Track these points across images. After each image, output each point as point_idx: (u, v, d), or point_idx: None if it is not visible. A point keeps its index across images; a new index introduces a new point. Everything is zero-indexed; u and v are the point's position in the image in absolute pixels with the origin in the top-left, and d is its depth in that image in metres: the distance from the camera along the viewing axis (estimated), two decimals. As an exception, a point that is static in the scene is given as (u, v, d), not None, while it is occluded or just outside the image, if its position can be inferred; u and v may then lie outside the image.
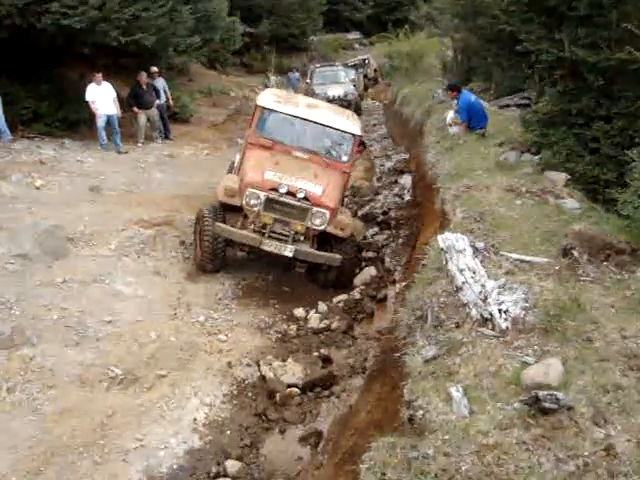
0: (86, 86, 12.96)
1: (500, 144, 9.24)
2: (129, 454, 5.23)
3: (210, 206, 8.38)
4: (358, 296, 8.11)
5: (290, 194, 7.94)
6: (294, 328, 7.49)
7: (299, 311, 7.87)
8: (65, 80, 15.03)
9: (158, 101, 14.62)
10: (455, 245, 4.67)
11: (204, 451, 5.44)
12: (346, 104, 22.35)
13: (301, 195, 7.88)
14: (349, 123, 9.31)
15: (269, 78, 22.57)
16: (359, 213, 12.19)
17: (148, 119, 14.51)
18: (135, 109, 14.21)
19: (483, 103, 13.44)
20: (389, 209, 11.95)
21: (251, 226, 7.99)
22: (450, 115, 11.04)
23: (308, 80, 25.05)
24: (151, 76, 14.93)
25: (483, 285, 4.19)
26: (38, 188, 10.10)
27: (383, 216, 11.52)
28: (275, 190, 7.96)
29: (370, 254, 9.55)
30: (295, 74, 24.84)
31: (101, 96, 12.84)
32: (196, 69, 30.04)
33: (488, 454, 3.08)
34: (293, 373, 6.38)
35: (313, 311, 7.86)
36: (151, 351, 6.59)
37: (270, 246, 7.87)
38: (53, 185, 10.32)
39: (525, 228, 5.78)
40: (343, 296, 8.17)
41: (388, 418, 4.16)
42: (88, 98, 12.79)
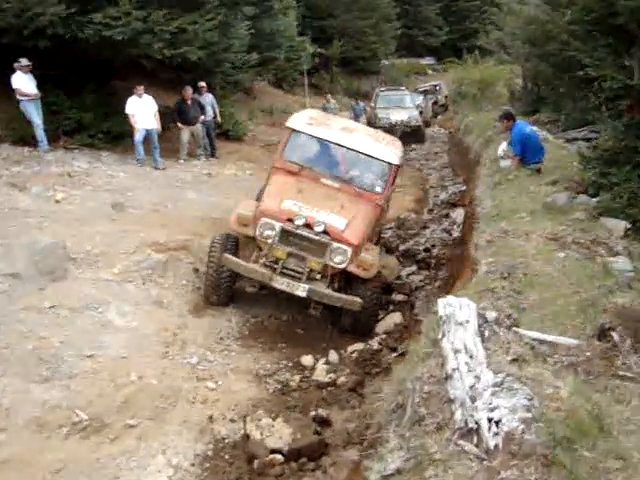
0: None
1: (554, 182, 8.14)
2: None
3: (224, 233, 7.64)
4: (376, 346, 7.14)
5: (308, 226, 7.10)
6: (297, 379, 6.60)
7: (307, 359, 6.98)
8: (115, 92, 14.77)
9: (203, 117, 14.10)
10: (456, 315, 3.70)
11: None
12: (409, 130, 21.55)
13: (319, 228, 7.03)
14: (387, 150, 8.43)
15: (329, 101, 21.81)
16: (401, 248, 11.25)
17: (192, 135, 14.03)
18: (179, 124, 13.76)
19: (545, 135, 12.33)
20: (433, 246, 10.95)
21: (262, 260, 7.19)
22: (502, 147, 9.97)
23: (372, 104, 24.33)
24: (198, 91, 14.48)
25: (477, 377, 3.20)
26: (58, 201, 9.64)
27: (424, 253, 10.53)
28: (292, 221, 7.15)
29: (400, 297, 8.57)
30: (360, 105, 23.50)
31: (141, 109, 12.42)
32: (262, 87, 29.87)
33: None
34: (280, 436, 5.47)
35: (323, 360, 6.95)
36: (126, 395, 5.83)
37: (281, 284, 7.04)
38: (75, 199, 9.83)
39: (562, 291, 4.72)
40: (359, 345, 7.22)
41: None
42: (128, 111, 12.39)
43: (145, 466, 5.09)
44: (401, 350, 6.94)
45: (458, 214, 12.92)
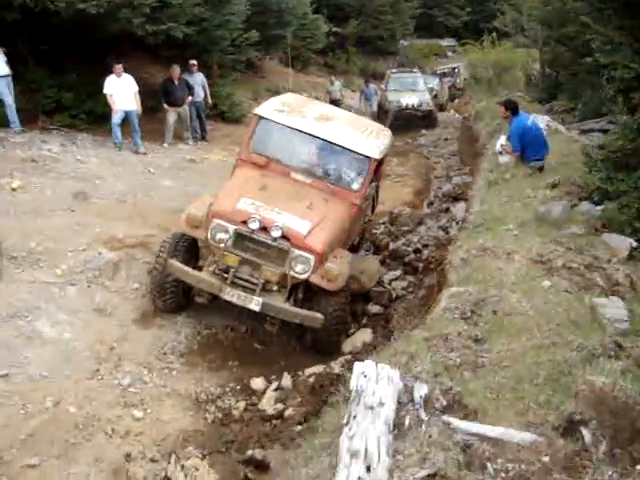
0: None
1: (553, 185, 7.14)
2: None
3: (178, 233, 6.80)
4: (338, 370, 6.25)
5: (265, 230, 6.23)
6: (242, 406, 5.77)
7: (258, 382, 6.15)
8: (109, 71, 13.91)
9: (191, 98, 13.23)
10: (369, 392, 2.81)
11: None
12: (420, 115, 20.50)
13: (276, 233, 6.15)
14: (367, 142, 7.51)
15: (333, 83, 20.73)
16: (391, 246, 10.33)
17: (179, 117, 13.18)
18: (164, 106, 12.93)
19: (556, 126, 11.29)
20: (424, 246, 9.97)
21: (213, 267, 6.35)
22: (501, 141, 8.95)
23: (382, 85, 23.27)
24: (188, 70, 13.60)
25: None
26: (14, 190, 8.85)
27: (414, 255, 9.58)
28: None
29: (376, 309, 7.68)
30: (370, 88, 21.76)
31: (120, 89, 11.58)
32: (272, 66, 28.90)
33: None
34: (203, 484, 4.67)
35: (275, 385, 6.12)
36: (35, 425, 5.07)
37: (232, 296, 6.20)
38: (33, 188, 9.04)
39: (535, 341, 3.79)
40: (319, 368, 6.34)
41: None
42: (106, 91, 11.57)
43: (36, 520, 4.33)
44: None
45: (459, 209, 11.94)
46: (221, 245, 6.31)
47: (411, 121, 20.69)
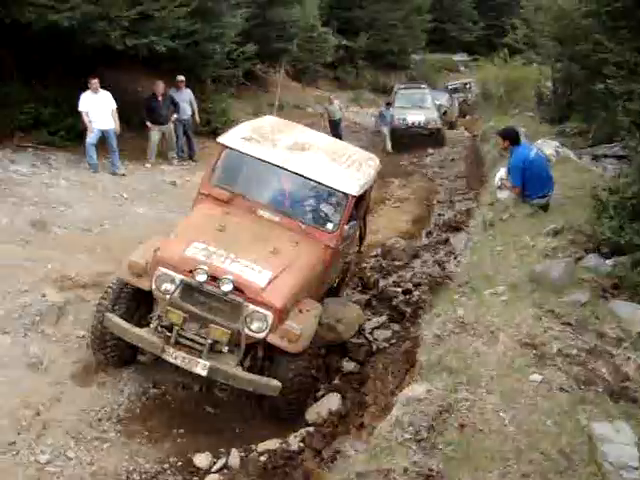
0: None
1: (556, 232, 6.22)
2: None
3: (121, 280, 5.97)
4: (296, 446, 5.38)
5: (216, 280, 5.40)
6: (177, 493, 4.93)
7: (202, 458, 5.28)
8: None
9: (176, 116, 12.48)
10: None
11: None
12: (426, 133, 19.67)
13: (226, 287, 5.31)
14: (344, 176, 6.67)
15: (332, 103, 19.48)
16: (381, 283, 9.48)
17: (163, 136, 12.44)
18: (148, 124, 12.19)
19: (565, 152, 10.38)
20: (417, 285, 9.12)
21: (156, 322, 5.52)
22: (500, 174, 8.03)
23: (389, 102, 22.46)
24: (176, 86, 12.88)
25: None
26: (-35, 218, 8.13)
27: (403, 296, 8.72)
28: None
29: (351, 366, 6.80)
30: (391, 110, 20.12)
31: (96, 107, 10.87)
32: (277, 80, 28.23)
33: None
34: None
35: (221, 462, 5.26)
36: None
37: (175, 357, 5.36)
38: (-14, 216, 8.31)
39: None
40: (274, 443, 5.45)
41: None
42: (81, 108, 10.87)
43: None
44: (327, 456, 5.21)
45: (459, 241, 11.08)
46: (167, 297, 5.49)
47: (417, 140, 19.86)
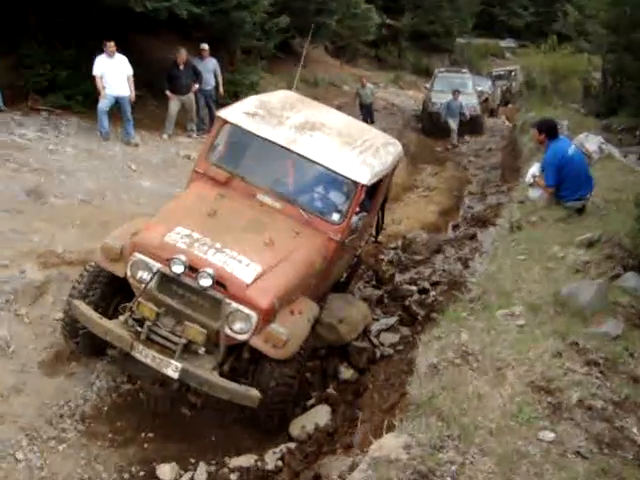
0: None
1: (591, 243, 5.42)
2: None
3: (96, 265, 5.38)
4: (272, 466, 4.77)
5: (194, 271, 4.79)
6: (132, 509, 4.38)
7: (166, 470, 4.72)
8: (133, 49, 12.60)
9: (197, 86, 11.88)
10: None
11: None
12: (463, 119, 18.74)
13: (205, 281, 4.71)
14: (357, 162, 5.95)
15: (364, 86, 18.14)
16: (397, 279, 8.81)
17: (183, 106, 11.86)
18: (167, 93, 11.60)
19: (609, 150, 9.48)
20: (435, 284, 8.42)
21: (127, 315, 4.93)
22: (533, 170, 7.21)
23: (427, 85, 21.61)
24: (199, 55, 12.27)
25: None
26: (-42, 183, 7.66)
27: (418, 296, 8.03)
28: (176, 261, 4.85)
29: (349, 374, 6.15)
30: (459, 101, 18.25)
31: (111, 72, 10.30)
32: (317, 55, 27.48)
33: None
34: None
35: (187, 476, 4.69)
36: None
37: (144, 355, 4.77)
38: (-19, 181, 7.83)
39: None
40: (248, 459, 4.86)
41: None
42: (95, 72, 10.32)
43: None
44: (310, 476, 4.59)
45: (487, 237, 10.29)
46: (142, 285, 4.91)
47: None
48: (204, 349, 4.83)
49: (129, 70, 10.47)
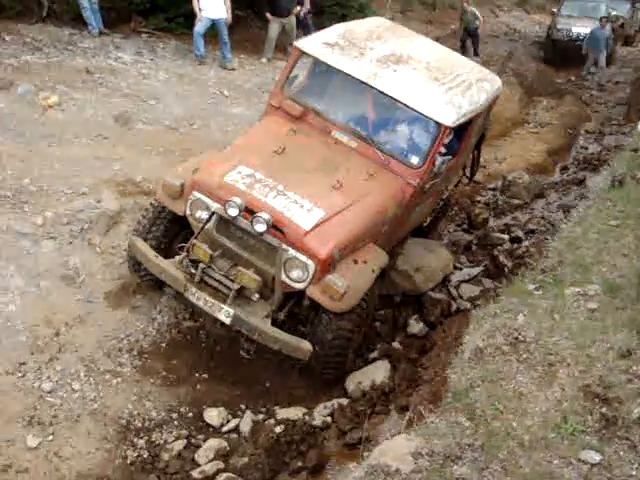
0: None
1: None
2: None
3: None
4: (320, 421, 4.59)
5: (252, 214, 4.55)
6: (176, 449, 4.36)
7: (213, 415, 4.68)
8: None
9: (299, 8, 11.39)
10: None
11: None
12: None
13: (260, 227, 4.46)
14: (442, 101, 5.40)
15: (465, 11, 15.86)
16: (491, 223, 8.24)
17: (284, 29, 11.44)
18: (267, 15, 11.21)
19: None
20: (530, 233, 7.79)
21: (184, 255, 4.79)
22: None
23: (555, 9, 19.78)
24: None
25: None
26: (50, 107, 7.74)
27: (510, 245, 7.46)
28: (234, 202, 4.62)
29: (418, 328, 5.78)
30: (604, 30, 16.11)
31: (209, -7, 10.00)
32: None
33: None
34: None
35: (232, 424, 4.61)
36: None
37: (197, 298, 4.65)
38: (72, 106, 7.89)
39: None
40: (297, 412, 4.71)
41: None
42: (192, -6, 10.04)
43: None
44: (351, 441, 4.38)
45: (597, 182, 9.38)
46: (200, 225, 4.75)
47: (580, 54, 17.27)
48: (258, 295, 4.64)
49: (227, -9, 10.14)
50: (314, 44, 5.63)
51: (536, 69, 16.82)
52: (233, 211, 4.50)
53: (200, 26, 10.09)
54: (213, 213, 4.66)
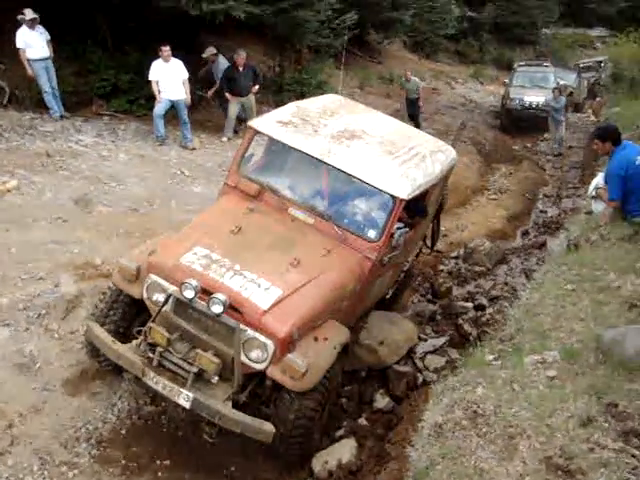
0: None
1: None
2: None
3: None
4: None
5: (207, 294, 4.51)
6: None
7: (174, 505, 4.50)
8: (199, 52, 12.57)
9: (257, 87, 11.69)
10: None
11: None
12: (545, 116, 17.72)
13: (216, 307, 4.42)
14: (397, 175, 5.51)
15: (409, 79, 16.12)
16: (455, 292, 8.29)
17: (243, 108, 11.69)
18: (227, 95, 11.47)
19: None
20: (493, 299, 7.85)
21: (141, 339, 4.71)
22: (596, 181, 6.53)
23: (506, 80, 20.66)
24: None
25: None
26: (9, 191, 7.73)
27: (474, 313, 7.49)
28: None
29: (383, 402, 5.69)
30: (559, 100, 16.00)
31: (167, 76, 10.23)
32: (394, 51, 26.94)
33: None
34: None
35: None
36: None
37: (157, 383, 4.54)
38: (32, 190, 7.89)
39: None
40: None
41: None
42: (151, 77, 10.28)
43: None
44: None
45: (557, 246, 9.56)
46: (157, 308, 4.69)
47: (534, 123, 17.94)
48: (217, 377, 4.55)
49: (184, 74, 10.38)
50: (268, 123, 5.75)
51: (493, 137, 17.41)
52: (189, 293, 4.46)
53: (160, 107, 10.27)
54: (170, 296, 4.61)
